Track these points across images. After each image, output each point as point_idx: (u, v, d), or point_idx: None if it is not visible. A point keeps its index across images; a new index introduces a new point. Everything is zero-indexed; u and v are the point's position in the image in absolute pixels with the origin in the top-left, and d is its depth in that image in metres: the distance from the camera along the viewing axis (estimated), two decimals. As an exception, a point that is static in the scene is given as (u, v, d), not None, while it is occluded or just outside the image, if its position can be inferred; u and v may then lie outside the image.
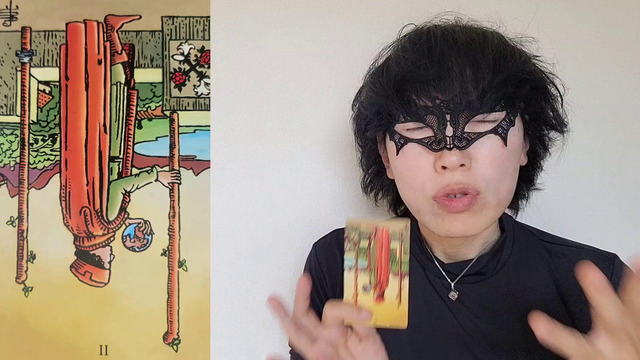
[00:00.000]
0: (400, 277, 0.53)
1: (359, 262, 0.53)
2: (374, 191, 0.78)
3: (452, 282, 0.67)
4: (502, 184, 0.60)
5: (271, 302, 0.55)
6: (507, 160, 0.60)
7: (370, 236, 0.52)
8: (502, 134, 0.59)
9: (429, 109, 0.59)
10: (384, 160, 0.72)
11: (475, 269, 0.67)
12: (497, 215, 0.62)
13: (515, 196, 0.73)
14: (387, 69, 0.64)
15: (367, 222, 0.53)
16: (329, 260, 0.77)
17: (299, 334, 0.55)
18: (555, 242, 0.70)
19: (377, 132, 0.66)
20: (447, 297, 0.67)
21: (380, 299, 0.53)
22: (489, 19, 0.68)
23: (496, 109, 0.58)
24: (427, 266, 0.70)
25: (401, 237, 0.52)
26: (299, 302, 0.55)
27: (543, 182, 0.75)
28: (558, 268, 0.66)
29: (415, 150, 0.61)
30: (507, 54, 0.60)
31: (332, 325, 0.55)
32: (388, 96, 0.61)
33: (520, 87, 0.59)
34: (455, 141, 0.58)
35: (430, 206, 0.61)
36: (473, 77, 0.57)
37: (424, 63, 0.59)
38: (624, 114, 0.91)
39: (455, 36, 0.60)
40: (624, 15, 0.91)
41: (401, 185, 0.65)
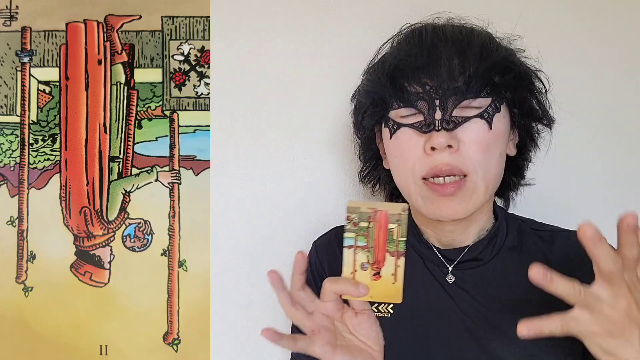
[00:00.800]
0: (397, 257, 0.55)
1: (358, 241, 0.56)
2: (372, 182, 0.82)
3: (450, 266, 0.70)
4: (489, 167, 0.63)
5: (271, 274, 0.57)
6: (493, 145, 0.63)
7: (370, 218, 0.55)
8: (488, 118, 0.63)
9: (419, 95, 0.63)
10: (381, 152, 0.75)
11: (471, 255, 0.69)
12: (485, 199, 0.65)
13: (506, 187, 0.77)
14: (382, 62, 0.69)
15: (367, 204, 0.55)
16: (329, 257, 0.78)
17: (295, 306, 0.57)
18: (544, 229, 0.73)
19: (373, 119, 0.69)
20: (445, 282, 0.69)
21: (377, 276, 0.56)
22: (479, 17, 0.73)
23: (482, 94, 0.63)
24: (425, 255, 0.71)
25: (399, 219, 0.55)
26: (296, 276, 0.57)
27: (534, 177, 0.79)
28: (550, 251, 0.69)
29: (407, 134, 0.65)
30: (492, 46, 0.65)
31: (330, 299, 0.57)
32: (382, 84, 0.66)
33: (505, 75, 0.64)
34: (443, 124, 0.62)
35: (419, 188, 0.64)
36: (460, 65, 0.62)
37: (415, 52, 0.64)
38: (610, 108, 0.93)
39: (445, 31, 0.66)
40: (609, 11, 0.93)
41: (394, 170, 0.69)
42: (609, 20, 0.93)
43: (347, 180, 0.95)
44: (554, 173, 0.92)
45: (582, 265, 0.66)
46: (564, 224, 0.73)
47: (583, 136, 0.93)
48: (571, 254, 0.68)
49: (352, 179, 0.94)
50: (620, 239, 0.44)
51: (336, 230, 0.81)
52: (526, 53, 0.70)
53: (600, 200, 0.93)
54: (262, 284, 0.95)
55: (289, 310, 0.57)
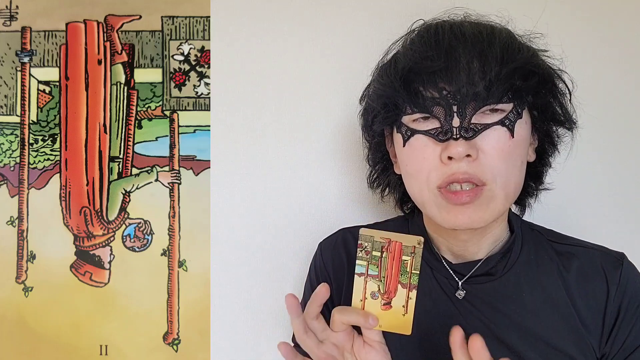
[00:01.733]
0: (409, 289, 0.54)
1: (369, 269, 0.55)
2: (381, 187, 0.78)
3: (460, 281, 0.67)
4: (510, 176, 0.60)
5: (289, 299, 0.55)
6: (514, 152, 0.59)
7: (384, 247, 0.54)
8: (509, 125, 0.59)
9: (435, 100, 0.59)
10: (392, 156, 0.71)
11: (484, 270, 0.66)
12: (504, 209, 0.61)
13: (524, 193, 0.72)
14: (394, 62, 0.64)
15: (380, 234, 0.54)
16: (334, 260, 0.77)
17: (307, 334, 0.56)
18: (563, 241, 0.69)
19: (384, 124, 0.66)
20: (454, 297, 0.67)
21: (388, 306, 0.55)
22: (498, 14, 0.68)
23: (503, 100, 0.58)
24: (435, 266, 0.69)
25: (414, 251, 0.54)
26: (313, 306, 0.55)
27: (552, 182, 0.74)
28: (566, 268, 0.66)
29: (421, 142, 0.61)
30: (514, 47, 0.60)
31: (340, 329, 0.55)
32: (395, 88, 0.61)
33: (528, 79, 0.59)
34: (461, 131, 0.58)
35: (434, 197, 0.61)
36: (480, 68, 0.57)
37: (431, 54, 0.59)
38: (634, 112, 0.91)
39: (463, 30, 0.60)
40: (633, 11, 0.91)
41: (407, 178, 0.65)
42: (638, 17, 0.90)
43: (348, 180, 0.95)
44: (574, 178, 0.89)
45: (598, 286, 0.65)
46: (582, 230, 0.72)
47: (606, 140, 0.90)
48: (588, 272, 0.66)
49: (352, 178, 0.94)
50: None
51: (343, 232, 0.79)
52: (549, 53, 0.65)
53: (620, 206, 0.90)
54: (262, 284, 0.95)
55: (301, 336, 0.56)
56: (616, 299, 0.63)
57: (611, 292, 0.64)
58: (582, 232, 0.73)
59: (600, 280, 0.65)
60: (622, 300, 0.63)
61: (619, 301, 0.63)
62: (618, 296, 0.63)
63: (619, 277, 0.64)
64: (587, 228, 0.71)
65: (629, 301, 0.63)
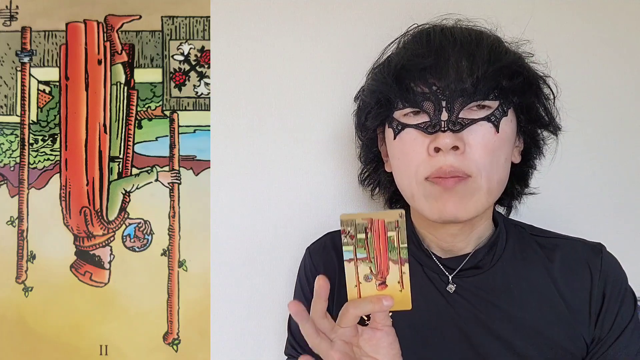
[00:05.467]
0: (400, 264, 0.54)
1: (357, 253, 0.54)
2: (371, 185, 0.81)
3: (450, 275, 0.69)
4: (494, 171, 0.62)
5: (293, 306, 0.54)
6: (499, 149, 0.63)
7: (367, 228, 0.53)
8: (495, 121, 0.62)
9: (425, 95, 0.62)
10: (383, 155, 0.74)
11: (472, 263, 0.69)
12: (487, 203, 0.64)
13: (509, 196, 0.76)
14: (388, 62, 0.68)
15: (361, 215, 0.53)
16: (325, 262, 0.77)
17: (320, 337, 0.55)
18: (544, 235, 0.72)
19: (377, 120, 0.68)
20: (445, 291, 0.69)
21: (383, 286, 0.55)
22: (488, 19, 0.71)
23: (490, 97, 0.62)
24: (425, 262, 0.71)
25: (397, 225, 0.53)
26: (318, 304, 0.54)
27: (538, 187, 0.78)
28: (550, 260, 0.69)
29: (411, 135, 0.64)
30: (501, 50, 0.64)
31: (348, 324, 0.55)
32: (388, 84, 0.65)
33: (513, 79, 0.63)
34: (449, 125, 0.61)
35: (423, 189, 0.63)
36: (468, 67, 0.61)
37: (422, 52, 0.63)
38: (619, 115, 0.92)
39: (453, 33, 0.65)
40: (622, 16, 0.92)
41: (397, 172, 0.68)
42: (621, 25, 0.92)
43: (347, 180, 0.95)
44: (560, 182, 0.91)
45: (581, 274, 0.67)
46: (568, 233, 0.73)
47: (590, 144, 0.92)
48: (571, 262, 0.68)
49: (352, 179, 0.94)
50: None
51: (331, 235, 0.80)
52: (535, 58, 0.69)
53: (606, 209, 0.92)
54: (262, 284, 0.96)
55: (314, 340, 0.55)
56: (600, 285, 0.66)
57: (594, 278, 0.66)
58: (567, 233, 0.74)
59: (583, 269, 0.67)
60: (606, 286, 0.66)
61: (603, 286, 0.66)
62: (601, 282, 0.66)
63: (600, 264, 0.67)
64: (574, 232, 0.73)
65: (612, 286, 0.66)
